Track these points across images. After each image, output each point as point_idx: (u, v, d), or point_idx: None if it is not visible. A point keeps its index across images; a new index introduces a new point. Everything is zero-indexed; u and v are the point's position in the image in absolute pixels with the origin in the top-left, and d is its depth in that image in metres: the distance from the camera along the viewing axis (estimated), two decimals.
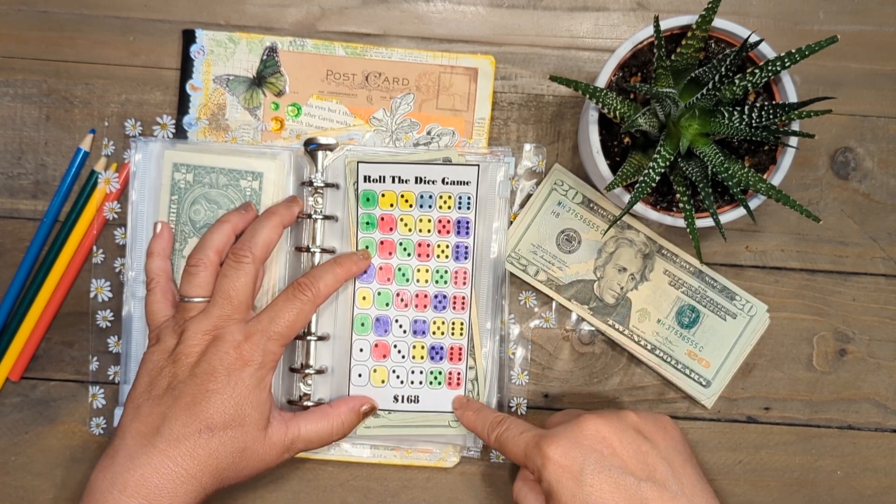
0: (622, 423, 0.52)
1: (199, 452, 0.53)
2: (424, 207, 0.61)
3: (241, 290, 0.56)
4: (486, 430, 0.57)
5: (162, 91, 0.63)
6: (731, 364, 0.63)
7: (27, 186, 0.63)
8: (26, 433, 0.63)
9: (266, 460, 0.56)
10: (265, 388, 0.56)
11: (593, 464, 0.50)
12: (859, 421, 0.64)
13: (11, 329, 0.62)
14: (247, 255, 0.57)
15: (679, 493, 0.50)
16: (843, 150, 0.64)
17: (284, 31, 0.63)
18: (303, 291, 0.57)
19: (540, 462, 0.51)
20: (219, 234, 0.58)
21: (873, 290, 0.64)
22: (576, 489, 0.50)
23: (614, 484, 0.50)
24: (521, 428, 0.55)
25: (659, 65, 0.52)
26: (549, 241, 0.63)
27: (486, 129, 0.63)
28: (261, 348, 0.55)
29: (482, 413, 0.59)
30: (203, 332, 0.55)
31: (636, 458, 0.51)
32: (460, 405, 0.61)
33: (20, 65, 0.63)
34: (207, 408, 0.54)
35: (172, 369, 0.55)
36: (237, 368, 0.55)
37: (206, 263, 0.57)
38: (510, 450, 0.55)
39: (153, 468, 0.52)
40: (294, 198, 0.61)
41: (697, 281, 0.63)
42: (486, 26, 0.63)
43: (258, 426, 0.55)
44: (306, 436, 0.58)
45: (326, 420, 0.58)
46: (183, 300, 0.57)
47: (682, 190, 0.53)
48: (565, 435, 0.52)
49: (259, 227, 0.58)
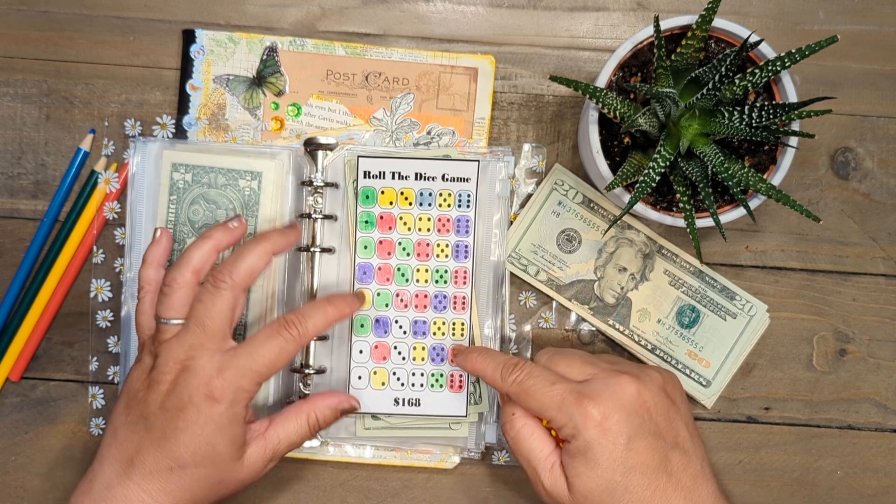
0: (656, 385, 0.53)
1: (171, 488, 0.52)
2: (424, 205, 0.61)
3: (217, 318, 0.53)
4: (500, 373, 0.54)
5: (162, 91, 0.63)
6: (731, 364, 0.63)
7: (27, 186, 0.63)
8: (26, 433, 0.63)
9: (247, 481, 0.55)
10: (239, 423, 0.53)
11: (635, 428, 0.51)
12: (859, 421, 0.64)
13: (11, 329, 0.62)
14: (226, 280, 0.53)
15: (694, 455, 0.53)
16: (843, 150, 0.64)
17: (284, 30, 0.63)
18: (288, 329, 0.54)
19: (581, 421, 0.51)
20: (199, 253, 0.55)
21: (873, 290, 0.64)
22: (616, 453, 0.50)
23: (651, 448, 0.51)
24: (551, 377, 0.52)
25: (659, 65, 0.52)
26: (550, 240, 0.63)
27: (486, 129, 0.63)
28: (233, 386, 0.52)
29: (490, 354, 0.56)
30: (174, 360, 0.53)
31: (667, 422, 0.52)
32: (459, 351, 0.59)
33: (20, 65, 0.63)
34: (178, 446, 0.51)
35: (146, 395, 0.53)
36: (206, 406, 0.51)
37: (181, 284, 0.54)
38: (538, 399, 0.52)
39: (129, 500, 0.51)
40: (294, 225, 0.59)
41: (697, 281, 0.63)
42: (486, 26, 0.63)
43: (232, 458, 0.53)
44: (287, 439, 0.55)
45: (301, 416, 0.56)
46: (158, 321, 0.54)
47: (682, 190, 0.53)
48: (607, 395, 0.51)
49: (245, 253, 0.54)
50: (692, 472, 0.52)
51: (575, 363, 0.54)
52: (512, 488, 0.63)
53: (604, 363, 0.55)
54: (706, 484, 0.52)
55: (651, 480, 0.51)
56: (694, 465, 0.52)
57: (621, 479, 0.50)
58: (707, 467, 0.53)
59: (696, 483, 0.52)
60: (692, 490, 0.51)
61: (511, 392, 0.54)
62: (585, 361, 0.54)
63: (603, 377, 0.52)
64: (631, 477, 0.50)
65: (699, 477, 0.52)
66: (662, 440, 0.52)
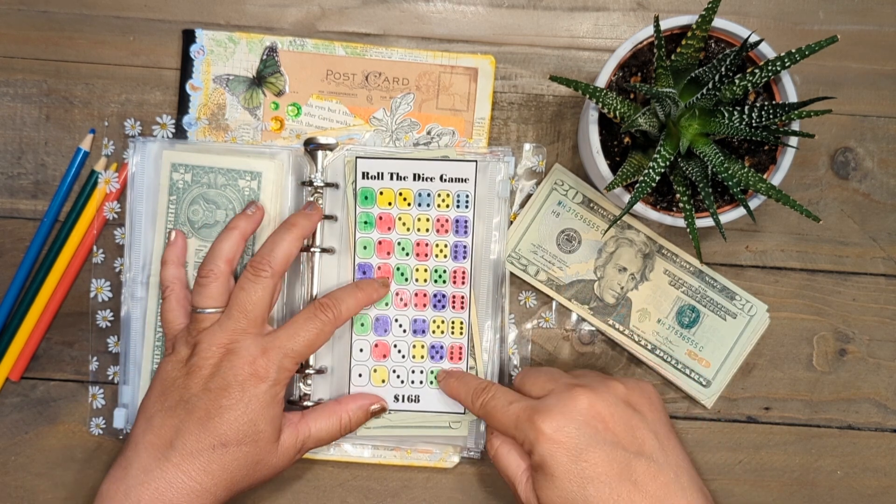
0: (613, 396, 0.53)
1: (213, 467, 0.53)
2: (423, 206, 0.61)
3: (258, 305, 0.56)
4: (471, 397, 0.57)
5: (162, 91, 0.63)
6: (731, 364, 0.63)
7: (27, 186, 0.63)
8: (26, 433, 0.63)
9: (279, 467, 0.56)
10: (279, 403, 0.56)
11: (587, 439, 0.51)
12: (859, 421, 0.64)
13: (11, 329, 0.62)
14: (266, 269, 0.56)
15: (665, 464, 0.52)
16: (843, 150, 0.64)
17: (284, 30, 0.63)
18: (324, 311, 0.57)
19: (533, 436, 0.52)
20: (228, 243, 0.58)
21: (873, 290, 0.64)
22: (570, 465, 0.51)
23: (607, 458, 0.51)
24: (510, 398, 0.55)
25: (659, 65, 0.52)
26: (550, 240, 0.63)
27: (486, 129, 0.63)
28: (276, 365, 0.55)
29: (465, 380, 0.59)
30: (217, 345, 0.55)
31: (627, 431, 0.52)
32: (442, 377, 0.61)
33: (20, 65, 0.63)
34: (221, 424, 0.53)
35: (185, 381, 0.55)
36: (251, 384, 0.54)
37: (217, 274, 0.57)
38: (498, 419, 0.54)
39: (167, 483, 0.52)
40: (314, 205, 0.60)
41: (697, 281, 0.63)
42: (486, 26, 0.63)
43: (271, 440, 0.55)
44: (316, 434, 0.58)
45: (335, 416, 0.58)
46: (196, 311, 0.56)
47: (682, 190, 0.53)
48: (559, 409, 0.52)
49: (279, 240, 0.57)
50: (662, 481, 0.51)
51: (538, 381, 0.56)
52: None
53: (566, 378, 0.55)
54: (679, 493, 0.51)
55: (612, 490, 0.50)
56: (665, 474, 0.51)
57: (579, 490, 0.51)
58: (684, 477, 0.52)
59: (668, 492, 0.51)
60: (662, 499, 0.50)
61: (480, 415, 0.56)
62: (549, 378, 0.55)
63: (557, 392, 0.53)
64: (589, 487, 0.50)
65: (671, 486, 0.51)
66: (623, 449, 0.51)
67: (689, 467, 0.53)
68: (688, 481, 0.52)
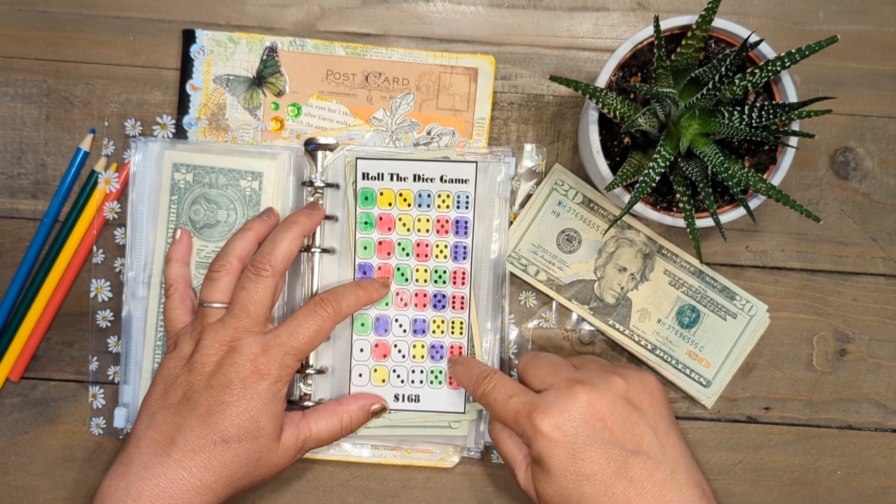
0: (613, 393, 0.53)
1: (214, 464, 0.53)
2: (423, 207, 0.61)
3: (260, 304, 0.56)
4: (473, 384, 0.57)
5: (162, 91, 0.63)
6: (732, 364, 0.63)
7: (27, 186, 0.63)
8: (26, 433, 0.63)
9: (280, 465, 0.57)
10: (280, 401, 0.56)
11: (585, 438, 0.51)
12: (859, 421, 0.64)
13: (11, 329, 0.62)
14: (266, 268, 0.56)
15: (662, 461, 0.52)
16: (843, 150, 0.64)
17: (284, 31, 0.63)
18: (324, 307, 0.57)
19: (531, 433, 0.52)
20: (242, 242, 0.58)
21: (873, 290, 0.64)
22: (567, 463, 0.51)
23: (604, 456, 0.51)
24: (510, 390, 0.55)
25: (659, 65, 0.52)
26: (550, 240, 0.63)
27: (486, 129, 0.63)
28: (277, 362, 0.55)
29: (468, 366, 0.59)
30: (220, 342, 0.55)
31: (625, 429, 0.52)
32: (451, 361, 0.61)
33: (20, 65, 0.63)
34: (223, 420, 0.54)
35: (188, 378, 0.55)
36: (253, 381, 0.54)
37: (229, 269, 0.57)
38: (498, 412, 0.55)
39: (168, 478, 0.52)
40: (315, 205, 0.60)
41: (697, 281, 0.63)
42: (486, 26, 0.63)
43: (272, 437, 0.55)
44: (317, 434, 0.58)
45: (336, 417, 0.59)
46: (202, 305, 0.57)
47: (682, 190, 0.53)
48: (557, 407, 0.52)
49: (280, 239, 0.57)
50: (658, 478, 0.51)
51: (540, 372, 0.55)
52: (512, 487, 0.63)
53: (567, 371, 0.55)
54: (675, 489, 0.51)
55: (608, 488, 0.51)
56: (661, 470, 0.51)
57: (575, 487, 0.51)
58: (681, 472, 0.52)
59: (663, 489, 0.51)
60: (658, 496, 0.51)
61: (481, 403, 0.57)
62: (551, 370, 0.55)
63: (557, 388, 0.53)
64: (585, 485, 0.51)
65: (667, 482, 0.51)
66: (620, 447, 0.51)
67: (687, 462, 0.53)
68: (684, 477, 0.52)
